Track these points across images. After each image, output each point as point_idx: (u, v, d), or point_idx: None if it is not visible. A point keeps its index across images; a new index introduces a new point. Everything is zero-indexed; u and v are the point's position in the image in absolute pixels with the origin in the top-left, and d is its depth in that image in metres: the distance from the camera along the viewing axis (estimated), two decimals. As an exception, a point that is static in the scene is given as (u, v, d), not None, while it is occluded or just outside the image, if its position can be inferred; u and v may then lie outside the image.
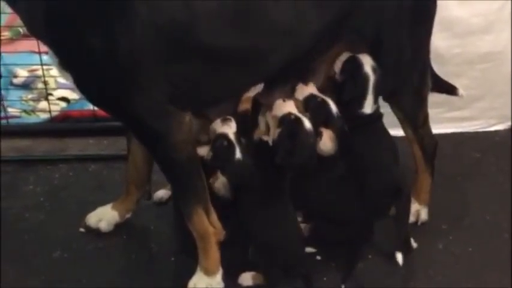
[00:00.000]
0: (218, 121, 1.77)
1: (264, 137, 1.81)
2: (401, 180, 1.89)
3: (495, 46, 2.48)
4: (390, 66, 1.87)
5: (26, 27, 1.62)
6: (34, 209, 2.16)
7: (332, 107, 1.84)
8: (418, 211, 2.08)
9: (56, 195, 2.24)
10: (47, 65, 2.51)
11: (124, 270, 1.92)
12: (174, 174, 1.69)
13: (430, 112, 2.05)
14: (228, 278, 1.78)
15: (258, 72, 1.74)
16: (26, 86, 2.82)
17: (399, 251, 1.87)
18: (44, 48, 2.33)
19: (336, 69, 1.90)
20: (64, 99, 2.74)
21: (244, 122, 1.78)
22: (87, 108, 2.60)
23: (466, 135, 2.63)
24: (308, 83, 1.86)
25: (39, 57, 2.57)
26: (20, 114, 2.65)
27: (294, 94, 1.86)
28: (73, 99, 2.74)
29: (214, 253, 1.74)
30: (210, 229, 1.72)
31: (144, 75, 1.55)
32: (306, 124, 1.78)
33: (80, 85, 1.61)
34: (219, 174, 1.75)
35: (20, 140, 2.50)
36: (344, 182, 1.87)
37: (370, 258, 1.93)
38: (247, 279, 1.78)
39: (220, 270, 1.76)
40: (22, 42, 3.13)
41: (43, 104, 2.69)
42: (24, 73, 2.83)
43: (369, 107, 1.88)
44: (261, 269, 1.76)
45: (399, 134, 2.08)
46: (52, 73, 2.65)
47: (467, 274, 1.89)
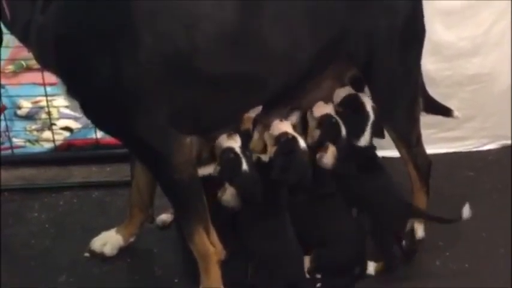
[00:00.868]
0: (224, 136, 1.84)
1: (262, 157, 1.89)
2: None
3: (483, 68, 2.56)
4: (382, 88, 1.95)
5: (37, 59, 1.69)
6: (39, 236, 2.20)
7: (343, 130, 1.95)
8: (415, 229, 2.11)
9: (61, 221, 2.28)
10: (51, 96, 2.59)
11: (129, 293, 1.95)
12: (176, 194, 1.74)
13: (423, 133, 2.11)
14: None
15: (257, 96, 1.82)
16: (30, 117, 2.89)
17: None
18: (48, 80, 2.47)
19: (335, 100, 2.02)
20: (67, 128, 2.81)
21: (246, 141, 1.85)
22: (90, 136, 2.67)
23: (460, 155, 2.68)
24: (328, 103, 1.97)
25: (42, 89, 2.65)
26: (25, 144, 2.71)
27: (311, 111, 1.97)
28: (76, 128, 2.81)
29: (215, 272, 1.78)
30: (211, 248, 1.76)
31: (148, 100, 1.61)
32: (301, 143, 1.88)
33: (87, 111, 1.68)
34: (227, 186, 1.80)
35: (25, 169, 2.55)
36: (335, 201, 1.95)
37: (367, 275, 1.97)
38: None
39: (221, 289, 1.79)
40: (25, 75, 3.23)
41: (47, 134, 2.75)
42: (27, 104, 2.91)
43: (365, 141, 2.00)
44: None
45: (394, 155, 2.16)
46: (55, 104, 2.73)
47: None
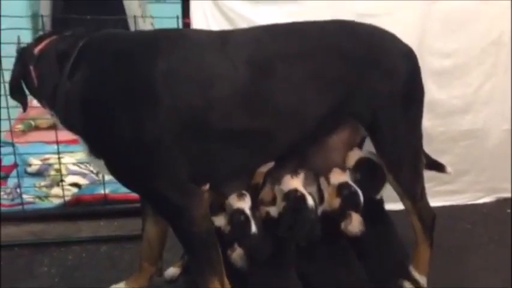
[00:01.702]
0: (234, 196, 1.92)
1: (271, 211, 1.95)
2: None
3: (474, 124, 2.67)
4: (387, 145, 2.03)
5: (62, 122, 1.78)
6: (50, 290, 2.23)
7: (361, 198, 2.02)
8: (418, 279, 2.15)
9: (70, 275, 2.31)
10: (61, 154, 2.68)
11: None
12: (193, 246, 1.79)
13: (421, 186, 2.18)
14: None
15: (268, 151, 1.90)
16: (40, 174, 2.97)
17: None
18: (58, 138, 2.56)
19: (348, 164, 2.11)
20: (75, 185, 2.88)
21: (255, 195, 1.93)
22: (98, 192, 2.74)
23: (456, 207, 2.74)
24: (344, 170, 2.05)
25: (49, 147, 2.75)
26: (34, 200, 2.77)
27: (328, 178, 2.04)
28: (84, 184, 2.89)
29: None
30: None
31: (168, 155, 1.70)
32: (309, 201, 1.95)
33: (111, 169, 1.76)
34: (236, 246, 1.86)
35: (35, 225, 2.59)
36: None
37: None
38: None
39: None
40: (33, 134, 3.35)
41: (56, 190, 2.82)
42: (37, 162, 2.99)
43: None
44: None
45: (398, 208, 2.22)
46: (63, 161, 2.82)
47: None
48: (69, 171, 2.93)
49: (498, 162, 2.75)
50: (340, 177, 2.04)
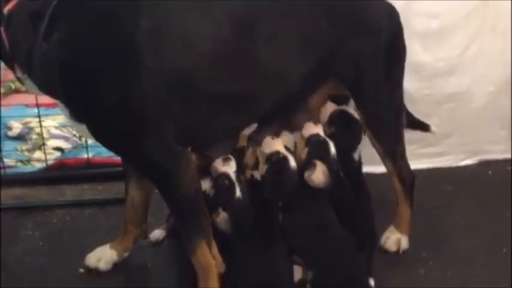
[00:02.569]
0: (219, 160, 1.89)
1: (255, 173, 1.95)
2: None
3: (459, 87, 2.66)
4: (369, 105, 2.03)
5: (40, 86, 1.71)
6: (34, 253, 2.22)
7: (332, 148, 1.98)
8: (399, 240, 2.20)
9: (54, 239, 2.30)
10: (42, 117, 2.63)
11: (124, 307, 1.99)
12: (181, 209, 1.78)
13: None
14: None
15: (253, 112, 1.88)
16: (21, 138, 2.92)
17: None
18: (39, 101, 2.52)
19: (322, 118, 2.08)
20: (58, 149, 2.85)
21: (241, 158, 1.91)
22: (81, 156, 2.72)
23: (439, 170, 2.75)
24: (317, 123, 2.02)
25: (31, 110, 2.70)
26: (16, 164, 2.74)
27: (302, 130, 1.99)
28: (67, 148, 2.85)
29: (214, 285, 1.81)
30: (212, 261, 1.79)
31: (153, 118, 1.67)
32: (291, 163, 1.93)
33: (94, 133, 1.72)
34: (221, 210, 1.85)
35: (18, 189, 2.57)
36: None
37: None
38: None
39: (219, 303, 1.82)
40: (14, 96, 3.30)
41: (38, 154, 2.79)
42: (18, 125, 2.94)
43: (357, 155, 2.10)
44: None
45: (378, 171, 2.27)
46: (45, 124, 2.77)
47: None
48: (51, 135, 2.89)
49: (482, 124, 2.75)
50: (312, 129, 2.00)
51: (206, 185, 1.88)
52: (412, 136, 2.36)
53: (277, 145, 1.94)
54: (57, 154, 2.82)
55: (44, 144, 2.77)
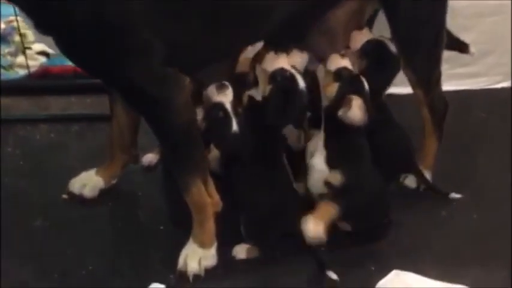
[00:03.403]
0: (213, 88, 1.65)
1: (253, 94, 1.70)
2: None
3: (506, -4, 2.38)
4: (405, 21, 1.79)
5: None
6: (13, 174, 2.04)
7: (364, 82, 1.73)
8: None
9: (37, 158, 2.13)
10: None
11: (110, 239, 1.84)
12: (174, 141, 1.58)
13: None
14: (222, 251, 1.69)
15: (257, 28, 1.64)
16: (3, 39, 2.68)
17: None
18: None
19: (353, 46, 1.83)
20: (43, 53, 2.61)
21: (241, 86, 1.66)
22: (68, 63, 2.46)
23: (471, 92, 2.54)
24: (344, 55, 1.76)
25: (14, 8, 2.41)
26: (-3, 70, 2.53)
27: (326, 64, 1.75)
28: (52, 53, 2.58)
29: (210, 225, 1.66)
30: (208, 200, 1.63)
31: (137, 37, 1.44)
32: (300, 82, 1.69)
33: (64, 50, 1.49)
34: (212, 147, 1.65)
35: (-2, 99, 2.39)
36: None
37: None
38: (241, 252, 1.69)
39: (215, 243, 1.68)
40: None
41: (21, 59, 2.56)
42: (1, 25, 2.69)
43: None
44: (256, 241, 1.68)
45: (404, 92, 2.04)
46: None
47: (471, 242, 1.81)
48: (36, 37, 2.61)
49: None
50: (339, 62, 1.73)
51: (198, 116, 1.64)
52: (444, 55, 2.04)
53: (281, 62, 1.68)
54: (42, 60, 2.60)
55: (28, 47, 2.53)
